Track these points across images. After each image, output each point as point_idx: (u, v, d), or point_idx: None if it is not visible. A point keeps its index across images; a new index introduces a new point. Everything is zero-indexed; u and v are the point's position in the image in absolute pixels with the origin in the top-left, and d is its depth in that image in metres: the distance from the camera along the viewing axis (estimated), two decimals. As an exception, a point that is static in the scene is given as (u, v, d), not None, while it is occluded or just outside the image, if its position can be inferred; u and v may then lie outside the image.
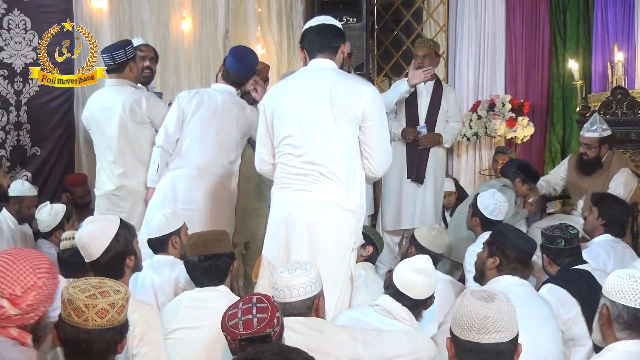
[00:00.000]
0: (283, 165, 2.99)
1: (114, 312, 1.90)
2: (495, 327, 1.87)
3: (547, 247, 3.24)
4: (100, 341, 1.89)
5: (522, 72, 7.33)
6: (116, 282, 2.00)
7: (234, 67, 4.05)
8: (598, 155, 4.67)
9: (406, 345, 2.45)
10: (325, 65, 2.99)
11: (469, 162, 7.40)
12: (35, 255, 1.97)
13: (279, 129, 3.00)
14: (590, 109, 5.77)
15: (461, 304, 1.92)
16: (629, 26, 6.78)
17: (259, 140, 3.13)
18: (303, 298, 2.42)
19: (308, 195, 2.92)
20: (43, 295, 1.92)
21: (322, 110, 2.90)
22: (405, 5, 7.27)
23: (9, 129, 4.65)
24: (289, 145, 2.96)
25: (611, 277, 2.22)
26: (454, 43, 7.47)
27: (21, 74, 4.67)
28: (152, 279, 3.21)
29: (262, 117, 3.10)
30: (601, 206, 3.83)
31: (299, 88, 2.99)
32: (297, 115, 2.94)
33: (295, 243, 2.93)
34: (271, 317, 2.07)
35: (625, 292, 2.14)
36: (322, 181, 2.91)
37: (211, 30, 6.23)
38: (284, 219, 2.97)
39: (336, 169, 2.90)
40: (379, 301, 2.73)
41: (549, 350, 2.64)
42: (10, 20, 4.61)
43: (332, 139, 2.90)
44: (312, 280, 2.45)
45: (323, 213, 2.91)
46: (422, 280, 2.68)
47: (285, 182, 2.99)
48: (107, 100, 4.07)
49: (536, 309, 2.72)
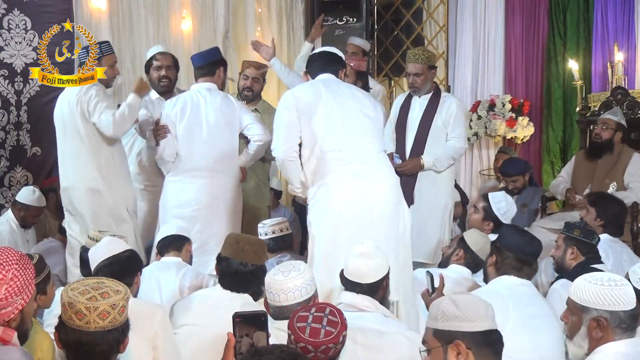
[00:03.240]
0: (339, 154, 3.17)
1: (115, 313, 1.89)
2: (493, 312, 1.96)
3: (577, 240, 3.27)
4: (103, 343, 1.88)
5: (522, 72, 7.33)
6: (115, 282, 1.99)
7: (195, 60, 4.23)
8: (611, 139, 4.73)
9: (406, 348, 2.42)
10: (333, 78, 3.37)
11: (469, 162, 7.39)
12: (3, 249, 1.93)
13: (321, 122, 3.21)
14: (590, 109, 5.79)
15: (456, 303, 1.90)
16: (629, 26, 6.78)
17: (286, 133, 3.26)
18: (298, 301, 2.41)
19: (364, 184, 3.13)
20: (15, 287, 1.88)
21: (360, 112, 3.26)
22: (405, 5, 7.26)
23: (9, 129, 4.66)
24: (335, 142, 3.18)
25: (590, 286, 2.16)
26: (454, 43, 7.46)
27: (21, 74, 4.67)
28: (158, 279, 3.23)
29: (293, 110, 3.24)
30: (599, 206, 3.83)
31: (331, 87, 3.28)
32: (344, 110, 3.23)
33: (358, 230, 3.05)
34: (338, 333, 2.09)
35: (606, 298, 2.12)
36: (374, 173, 3.19)
37: (211, 30, 6.23)
38: (342, 209, 3.11)
39: (380, 152, 3.25)
40: (341, 299, 2.68)
41: (551, 350, 2.63)
42: (10, 20, 4.62)
43: (369, 139, 3.25)
44: (307, 282, 2.44)
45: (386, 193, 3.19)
46: (365, 262, 2.64)
47: (345, 170, 3.16)
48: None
49: (538, 309, 2.72)
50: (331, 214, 3.12)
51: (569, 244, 3.29)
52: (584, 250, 3.27)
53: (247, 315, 1.89)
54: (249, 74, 4.78)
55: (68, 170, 4.04)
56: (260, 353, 1.62)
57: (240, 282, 2.73)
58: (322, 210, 3.15)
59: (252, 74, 4.78)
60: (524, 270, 2.84)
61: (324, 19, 6.86)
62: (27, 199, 4.51)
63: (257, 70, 4.80)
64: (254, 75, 4.77)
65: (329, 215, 3.13)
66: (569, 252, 3.28)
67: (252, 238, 2.93)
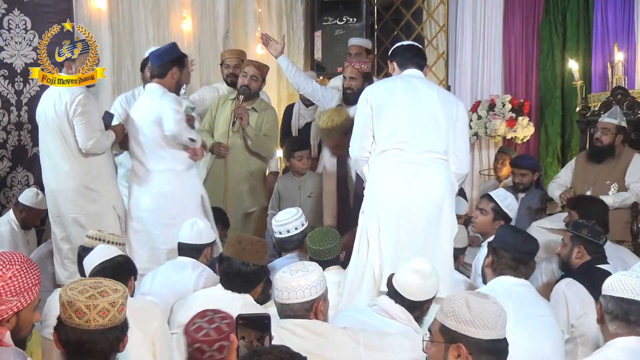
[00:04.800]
0: (398, 151, 3.30)
1: (115, 311, 1.90)
2: (505, 320, 1.92)
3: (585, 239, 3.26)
4: (103, 341, 1.89)
5: (522, 72, 7.32)
6: (112, 281, 2.00)
7: (150, 59, 4.22)
8: (612, 143, 4.71)
9: (408, 350, 2.42)
10: (422, 75, 3.50)
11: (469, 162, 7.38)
12: (12, 252, 1.96)
13: (389, 119, 3.33)
14: (590, 109, 5.78)
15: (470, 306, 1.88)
16: (629, 26, 6.76)
17: (361, 131, 3.43)
18: (301, 301, 2.42)
19: (427, 176, 3.28)
20: (13, 287, 1.89)
21: (435, 107, 3.36)
22: (405, 5, 7.26)
23: (10, 129, 4.66)
24: (396, 143, 3.30)
25: (609, 278, 2.24)
26: (454, 43, 7.46)
27: (21, 74, 4.68)
28: (173, 278, 3.25)
29: (366, 107, 3.41)
30: (581, 208, 3.83)
31: (410, 87, 3.40)
32: (414, 109, 3.34)
33: (420, 222, 3.25)
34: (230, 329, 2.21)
35: (613, 284, 2.20)
36: (438, 164, 3.32)
37: (211, 30, 6.24)
38: (387, 204, 3.27)
39: (446, 152, 3.36)
40: (377, 301, 2.76)
41: (550, 349, 2.63)
42: (10, 20, 4.62)
43: (444, 129, 3.35)
44: (313, 284, 2.44)
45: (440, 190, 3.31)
46: (417, 280, 2.69)
47: (402, 166, 3.29)
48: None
49: (537, 309, 2.73)
50: (378, 207, 3.31)
51: (575, 243, 3.29)
52: (590, 249, 3.27)
53: (250, 317, 1.90)
54: (248, 72, 4.78)
55: (51, 172, 4.03)
56: (260, 353, 1.62)
57: (241, 282, 2.74)
58: (371, 203, 3.34)
59: (252, 72, 4.78)
60: (520, 270, 2.83)
61: (324, 19, 6.89)
62: (29, 200, 4.51)
63: (257, 69, 4.81)
64: (252, 73, 4.78)
65: (376, 208, 3.31)
66: (576, 251, 3.28)
67: (254, 238, 2.95)
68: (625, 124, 4.82)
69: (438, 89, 3.51)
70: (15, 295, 1.89)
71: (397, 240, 3.24)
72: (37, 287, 1.96)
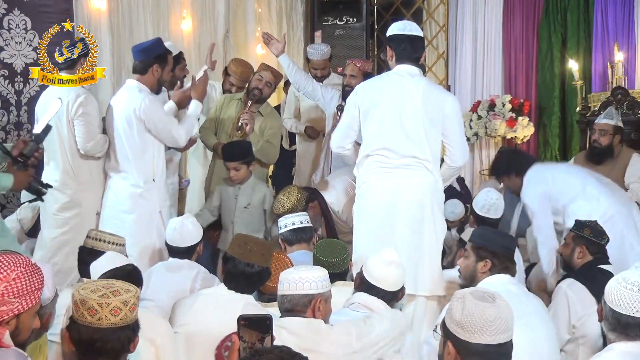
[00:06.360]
0: (381, 157, 3.40)
1: (127, 310, 1.92)
2: (505, 326, 1.88)
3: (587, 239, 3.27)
4: (114, 340, 1.90)
5: (522, 72, 7.33)
6: (124, 282, 2.02)
7: (132, 53, 4.02)
8: (611, 144, 4.71)
9: (389, 328, 2.55)
10: (413, 72, 3.45)
11: (469, 162, 7.38)
12: (17, 254, 1.96)
13: (373, 124, 3.43)
14: (590, 109, 5.78)
15: (464, 306, 1.89)
16: (629, 26, 6.78)
17: (345, 128, 3.56)
18: (300, 293, 2.44)
19: (408, 180, 3.37)
20: (16, 289, 1.88)
21: (417, 111, 3.38)
22: (405, 5, 7.27)
23: (10, 129, 4.66)
24: (382, 145, 3.40)
25: (611, 281, 2.21)
26: (454, 43, 7.47)
27: (21, 74, 4.67)
28: (166, 278, 3.24)
29: (354, 108, 3.50)
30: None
31: (395, 90, 3.42)
32: (396, 114, 3.39)
33: (401, 222, 3.36)
34: None
35: (614, 295, 2.15)
36: (419, 168, 3.39)
37: (211, 30, 6.24)
38: (387, 203, 3.38)
39: (428, 158, 3.40)
40: (354, 299, 2.77)
41: (546, 347, 2.64)
42: (10, 20, 4.62)
43: (424, 135, 3.38)
44: (314, 278, 2.46)
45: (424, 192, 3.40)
46: (394, 271, 2.78)
47: (385, 171, 3.41)
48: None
49: (529, 307, 2.73)
50: (367, 209, 3.47)
51: (577, 243, 3.29)
52: (592, 250, 3.27)
53: (252, 318, 1.89)
54: (264, 77, 4.69)
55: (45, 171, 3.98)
56: (260, 352, 1.62)
57: (245, 282, 2.74)
58: (360, 206, 3.51)
59: (268, 77, 4.69)
60: (511, 269, 2.86)
61: (324, 19, 6.88)
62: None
63: (274, 77, 4.76)
64: (268, 79, 4.69)
65: (365, 210, 3.48)
66: (577, 250, 3.28)
67: (260, 240, 2.99)
68: (622, 123, 4.82)
69: (425, 88, 3.43)
70: (17, 297, 1.89)
71: (371, 242, 3.36)
72: (39, 292, 1.97)
